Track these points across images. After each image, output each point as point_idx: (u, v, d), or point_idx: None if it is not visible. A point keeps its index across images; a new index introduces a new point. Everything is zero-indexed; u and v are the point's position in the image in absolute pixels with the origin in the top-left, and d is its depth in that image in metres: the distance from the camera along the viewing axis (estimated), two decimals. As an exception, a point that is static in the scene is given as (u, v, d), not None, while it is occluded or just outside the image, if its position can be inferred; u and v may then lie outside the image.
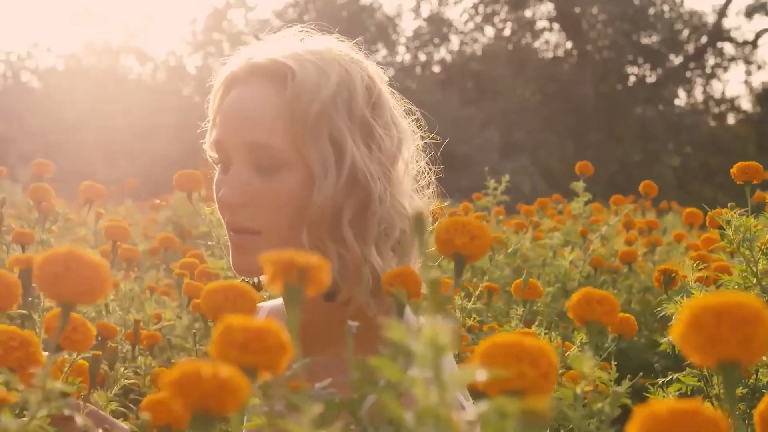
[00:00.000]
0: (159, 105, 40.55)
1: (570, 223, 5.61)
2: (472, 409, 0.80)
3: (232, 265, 1.93)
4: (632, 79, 37.39)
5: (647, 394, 2.30)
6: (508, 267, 4.55)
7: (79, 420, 1.12)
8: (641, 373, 2.50)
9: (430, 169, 2.09)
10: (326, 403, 1.08)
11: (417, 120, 2.07)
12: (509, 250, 3.72)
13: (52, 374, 1.11)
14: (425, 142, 2.09)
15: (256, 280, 2.07)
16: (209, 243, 2.91)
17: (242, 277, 2.01)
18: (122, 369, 2.66)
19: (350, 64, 1.91)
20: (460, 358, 2.72)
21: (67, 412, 1.08)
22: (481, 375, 0.78)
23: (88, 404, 1.73)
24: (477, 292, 2.76)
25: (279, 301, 2.22)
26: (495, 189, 5.08)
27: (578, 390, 1.31)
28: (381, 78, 1.98)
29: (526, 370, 0.90)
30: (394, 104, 2.00)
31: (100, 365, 1.83)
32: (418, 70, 41.40)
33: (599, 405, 1.33)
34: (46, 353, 1.29)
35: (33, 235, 3.09)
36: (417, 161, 2.04)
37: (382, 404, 0.79)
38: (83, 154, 36.03)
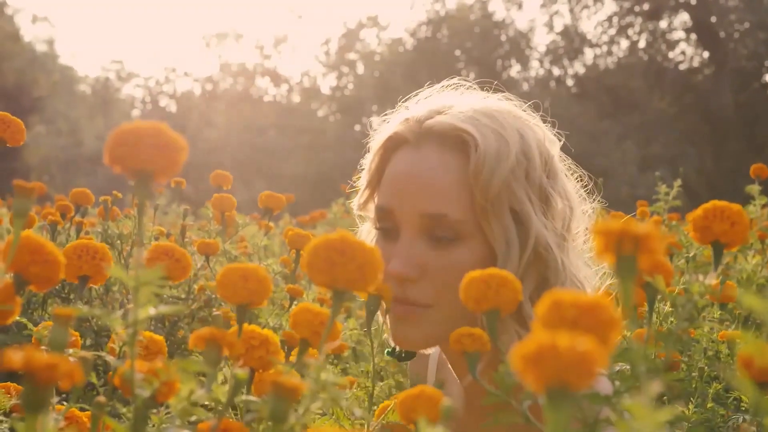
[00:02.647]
0: (294, 126, 41.22)
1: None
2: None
3: (391, 336, 1.82)
4: (772, 87, 36.60)
5: None
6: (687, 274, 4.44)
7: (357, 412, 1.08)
8: None
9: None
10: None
11: (579, 178, 1.95)
12: (690, 255, 3.61)
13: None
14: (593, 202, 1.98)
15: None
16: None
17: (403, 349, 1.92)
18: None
19: (525, 129, 1.81)
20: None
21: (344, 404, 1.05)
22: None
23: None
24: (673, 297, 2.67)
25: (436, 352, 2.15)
26: (666, 194, 4.97)
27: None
28: (552, 141, 1.88)
29: None
30: (562, 167, 1.89)
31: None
32: (552, 84, 41.23)
33: None
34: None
35: (217, 245, 3.12)
36: (586, 229, 1.90)
37: None
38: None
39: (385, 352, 2.13)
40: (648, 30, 38.96)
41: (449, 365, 1.98)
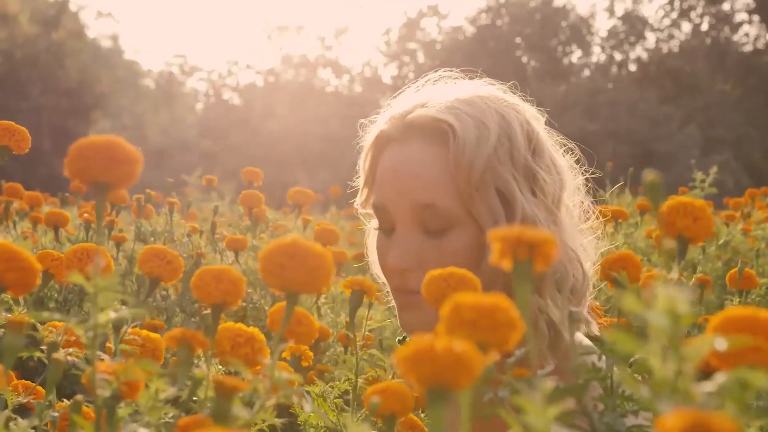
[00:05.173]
0: (356, 116, 41.10)
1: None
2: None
3: (399, 323, 1.89)
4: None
5: None
6: (720, 259, 4.42)
7: (307, 408, 1.13)
8: None
9: (594, 202, 2.01)
10: (551, 388, 1.07)
11: (571, 150, 1.99)
12: (720, 242, 3.62)
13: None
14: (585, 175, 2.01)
15: None
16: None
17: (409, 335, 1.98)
18: (335, 371, 2.69)
19: (505, 109, 1.85)
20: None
21: (295, 399, 1.10)
22: (720, 344, 0.76)
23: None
24: (691, 284, 2.69)
25: None
26: (702, 182, 4.95)
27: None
28: (536, 118, 1.91)
29: (761, 344, 0.87)
30: (551, 143, 1.93)
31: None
32: (614, 69, 40.88)
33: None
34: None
35: (246, 241, 3.18)
36: (581, 200, 1.96)
37: (620, 378, 0.77)
38: (284, 166, 36.91)
39: (396, 340, 2.21)
40: (710, 12, 38.49)
41: None
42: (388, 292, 1.96)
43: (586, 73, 40.42)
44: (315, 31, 66.25)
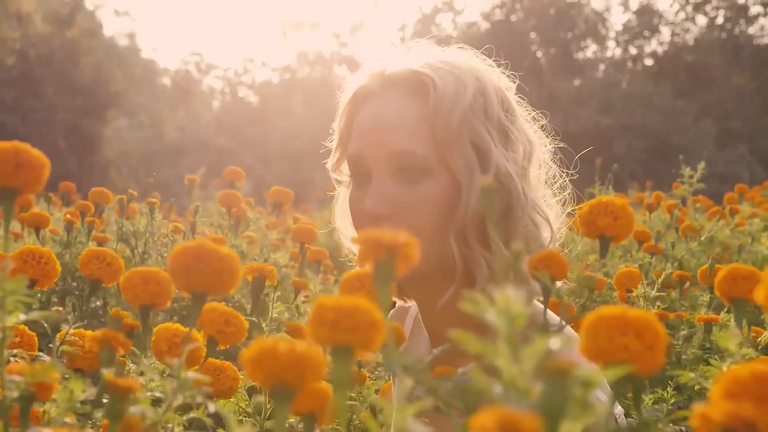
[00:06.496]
0: (372, 112, 41.03)
1: (774, 208, 5.42)
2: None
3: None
4: None
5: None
6: (705, 255, 4.41)
7: (211, 408, 1.16)
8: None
9: (564, 173, 2.06)
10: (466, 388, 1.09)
11: (543, 127, 2.05)
12: (702, 238, 3.62)
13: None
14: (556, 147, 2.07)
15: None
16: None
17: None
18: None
19: (480, 72, 1.92)
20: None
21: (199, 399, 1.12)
22: (555, 344, 0.78)
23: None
24: (660, 280, 2.70)
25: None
26: (691, 177, 4.95)
27: (724, 368, 1.27)
28: (507, 85, 1.98)
29: (630, 342, 0.89)
30: (522, 111, 1.99)
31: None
32: (629, 63, 40.74)
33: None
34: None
35: (224, 240, 3.20)
36: (548, 166, 2.03)
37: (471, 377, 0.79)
38: (300, 162, 36.96)
39: None
40: (725, 6, 38.36)
41: (420, 326, 2.14)
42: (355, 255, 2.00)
43: (601, 67, 40.34)
44: (330, 28, 66.41)
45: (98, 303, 3.36)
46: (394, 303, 2.20)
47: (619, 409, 1.80)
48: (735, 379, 0.77)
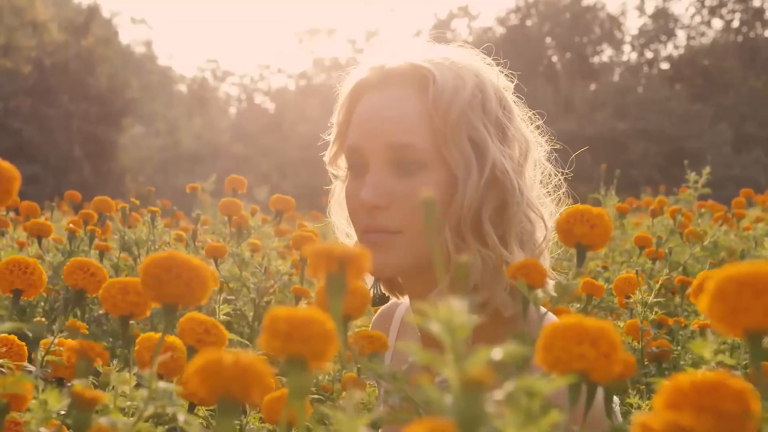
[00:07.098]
0: (388, 118, 40.91)
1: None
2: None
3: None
4: None
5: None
6: (710, 260, 4.39)
7: (181, 418, 1.16)
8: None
9: (559, 173, 2.07)
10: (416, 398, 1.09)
11: (538, 128, 2.06)
12: (705, 243, 3.62)
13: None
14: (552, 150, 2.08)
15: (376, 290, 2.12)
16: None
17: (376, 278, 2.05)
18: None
19: (480, 70, 1.94)
20: (642, 353, 2.67)
21: (169, 409, 1.13)
22: (497, 354, 0.78)
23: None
24: (658, 286, 2.70)
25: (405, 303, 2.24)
26: (696, 182, 4.93)
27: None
28: (506, 85, 2.00)
29: (585, 351, 0.89)
30: (519, 111, 2.01)
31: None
32: (645, 68, 40.68)
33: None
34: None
35: (225, 248, 3.21)
36: (544, 166, 2.04)
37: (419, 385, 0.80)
38: (317, 169, 36.80)
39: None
40: (741, 9, 38.26)
41: (409, 324, 2.19)
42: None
43: (617, 71, 40.28)
44: (346, 34, 66.51)
45: (101, 311, 3.37)
46: (384, 301, 2.22)
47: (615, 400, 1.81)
48: (676, 388, 0.78)
